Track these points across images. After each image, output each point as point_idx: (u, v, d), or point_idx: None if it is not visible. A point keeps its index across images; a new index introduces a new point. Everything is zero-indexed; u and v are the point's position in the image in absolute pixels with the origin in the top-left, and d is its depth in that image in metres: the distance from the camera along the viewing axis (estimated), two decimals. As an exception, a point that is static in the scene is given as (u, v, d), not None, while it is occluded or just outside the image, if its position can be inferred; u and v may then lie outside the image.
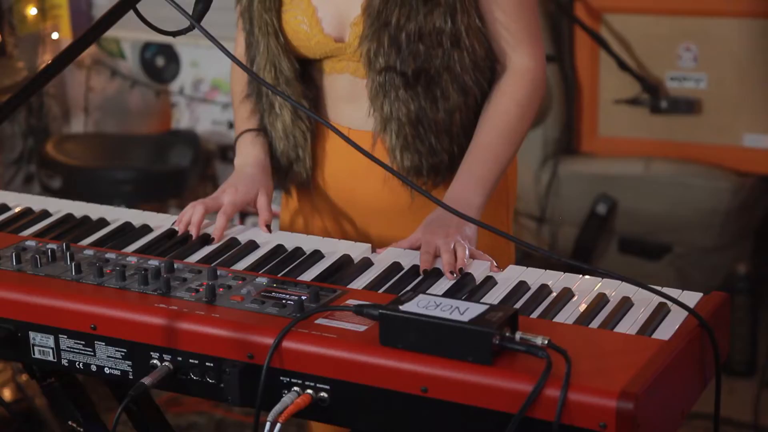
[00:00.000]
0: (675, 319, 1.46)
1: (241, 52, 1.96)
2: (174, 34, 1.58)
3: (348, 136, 1.79)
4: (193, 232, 1.80)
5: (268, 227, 1.82)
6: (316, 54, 1.86)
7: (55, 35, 4.17)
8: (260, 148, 1.95)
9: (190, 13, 1.57)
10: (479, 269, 1.66)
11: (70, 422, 1.74)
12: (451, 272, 1.62)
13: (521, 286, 1.60)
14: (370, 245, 1.75)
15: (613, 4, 3.52)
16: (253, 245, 1.77)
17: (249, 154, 1.94)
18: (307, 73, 1.91)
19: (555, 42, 3.61)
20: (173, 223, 1.84)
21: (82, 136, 4.19)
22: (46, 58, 4.14)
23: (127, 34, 4.08)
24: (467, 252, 1.66)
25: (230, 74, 2.06)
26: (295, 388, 1.42)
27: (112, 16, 1.50)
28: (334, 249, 1.74)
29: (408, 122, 1.82)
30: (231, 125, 4.09)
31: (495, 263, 1.67)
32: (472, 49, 1.80)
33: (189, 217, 1.81)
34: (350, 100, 1.88)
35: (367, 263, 1.69)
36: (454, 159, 1.86)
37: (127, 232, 1.83)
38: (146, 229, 1.84)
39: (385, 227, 1.91)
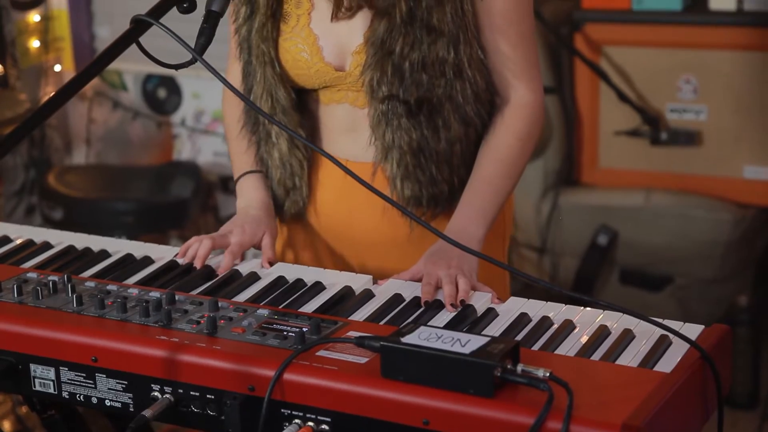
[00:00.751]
0: (677, 352, 1.46)
1: (236, 81, 1.96)
2: (176, 67, 1.58)
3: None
4: (197, 264, 1.80)
5: (271, 264, 1.83)
6: (315, 83, 1.87)
7: (57, 67, 4.19)
8: (263, 191, 1.96)
9: (192, 46, 1.58)
10: (480, 301, 1.66)
11: (70, 455, 1.73)
12: (452, 305, 1.62)
13: (522, 318, 1.60)
14: (371, 277, 1.75)
15: (613, 36, 3.54)
16: (254, 277, 1.77)
17: (253, 197, 1.95)
18: (303, 103, 1.91)
19: (555, 74, 3.63)
20: (175, 255, 1.84)
21: (83, 168, 4.20)
22: (48, 90, 4.16)
23: (129, 66, 4.10)
24: (469, 284, 1.67)
25: (222, 102, 2.06)
26: (296, 421, 1.42)
27: (115, 50, 1.51)
28: (335, 281, 1.74)
29: (409, 151, 1.82)
30: (232, 156, 4.09)
31: (496, 295, 1.67)
32: (474, 80, 1.82)
33: (195, 251, 1.82)
34: (349, 130, 1.89)
35: (368, 295, 1.69)
36: (453, 190, 1.87)
37: (128, 264, 1.83)
38: (147, 260, 1.84)
39: (382, 259, 1.91)
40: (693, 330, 1.52)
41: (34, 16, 4.09)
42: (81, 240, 1.94)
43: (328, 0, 1.82)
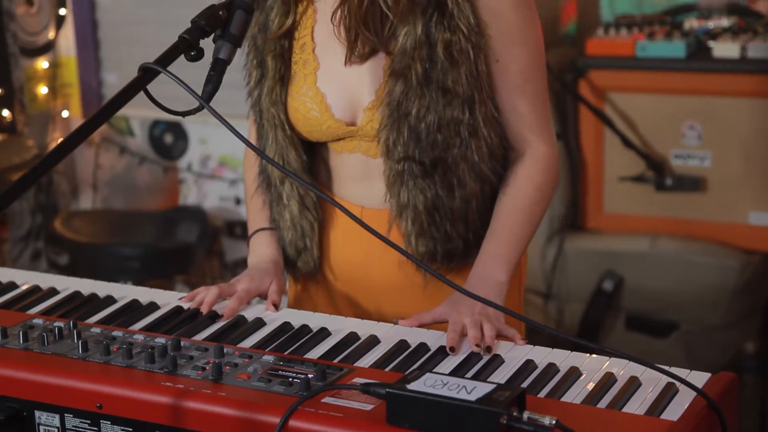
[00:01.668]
0: (683, 400, 1.46)
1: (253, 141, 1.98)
2: (183, 114, 1.59)
3: (362, 216, 1.80)
4: (204, 310, 1.81)
5: (275, 306, 1.83)
6: (328, 137, 1.88)
7: (65, 113, 4.22)
8: (274, 248, 1.97)
9: (200, 93, 1.59)
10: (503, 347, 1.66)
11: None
12: (477, 345, 1.62)
13: (528, 365, 1.59)
14: (376, 323, 1.75)
15: (617, 83, 3.56)
16: (259, 323, 1.77)
17: (263, 253, 1.97)
18: (315, 154, 1.93)
19: (560, 120, 3.64)
20: (180, 299, 1.85)
21: (89, 213, 4.21)
22: (56, 136, 4.18)
23: (137, 111, 4.12)
24: (494, 330, 1.67)
25: (243, 162, 2.09)
26: (302, 469, 1.41)
27: (123, 97, 1.52)
28: (340, 326, 1.74)
29: (424, 210, 1.83)
30: (238, 201, 4.11)
31: (521, 336, 1.68)
32: (489, 138, 1.83)
33: (202, 297, 1.82)
34: (363, 179, 1.90)
35: (373, 341, 1.69)
36: (469, 245, 1.88)
37: (134, 310, 1.83)
38: (153, 306, 1.84)
39: (399, 306, 1.91)
40: (700, 378, 1.51)
41: (43, 63, 4.13)
42: (87, 286, 1.94)
43: (342, 45, 1.83)
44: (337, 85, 1.85)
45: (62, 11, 4.16)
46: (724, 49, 3.42)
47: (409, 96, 1.78)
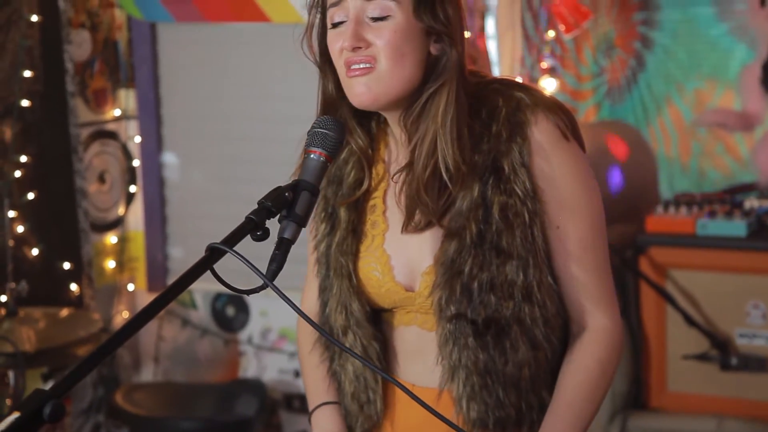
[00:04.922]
0: None
1: (311, 298, 1.99)
2: (248, 292, 1.60)
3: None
4: None
5: None
6: (385, 302, 1.89)
7: (131, 287, 4.29)
8: (338, 423, 1.96)
9: (264, 271, 1.61)
10: None
11: None
12: None
13: None
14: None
15: (678, 260, 3.55)
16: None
17: (329, 431, 1.96)
18: (377, 320, 1.93)
19: (621, 296, 3.63)
20: None
21: (150, 386, 4.22)
22: (120, 309, 4.25)
23: (200, 285, 4.11)
24: None
25: (297, 326, 2.09)
26: None
27: (191, 276, 1.55)
28: None
29: (476, 371, 1.81)
30: (297, 374, 4.10)
31: None
32: (544, 305, 1.82)
33: None
34: (416, 353, 1.89)
35: None
36: (521, 415, 1.84)
37: (192, 488, 1.82)
38: (212, 485, 1.83)
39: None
40: None
41: (112, 238, 4.23)
42: (147, 462, 1.94)
43: (401, 215, 1.87)
44: (402, 249, 1.87)
45: (132, 188, 4.29)
46: (786, 228, 3.42)
47: (462, 255, 1.79)
